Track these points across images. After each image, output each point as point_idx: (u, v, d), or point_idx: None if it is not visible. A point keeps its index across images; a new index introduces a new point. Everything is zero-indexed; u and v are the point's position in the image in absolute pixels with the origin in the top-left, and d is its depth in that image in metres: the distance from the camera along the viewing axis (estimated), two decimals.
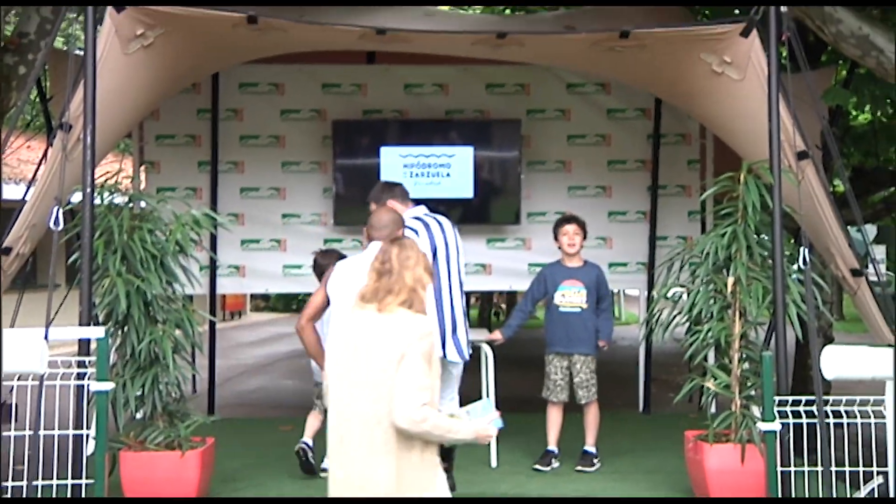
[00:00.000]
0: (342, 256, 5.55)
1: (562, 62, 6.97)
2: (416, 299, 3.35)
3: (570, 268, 6.19)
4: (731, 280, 5.18)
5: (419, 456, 3.23)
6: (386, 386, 3.19)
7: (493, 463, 6.06)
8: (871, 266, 5.81)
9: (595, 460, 6.08)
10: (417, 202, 5.52)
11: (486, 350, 6.15)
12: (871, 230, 9.75)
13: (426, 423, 3.16)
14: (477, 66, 7.75)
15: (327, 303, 4.79)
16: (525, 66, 7.62)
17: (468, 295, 5.95)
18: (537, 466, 5.98)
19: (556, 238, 6.24)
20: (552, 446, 6.12)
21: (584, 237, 6.23)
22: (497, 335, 6.26)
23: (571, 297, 6.13)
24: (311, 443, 5.78)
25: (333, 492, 3.29)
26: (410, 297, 3.33)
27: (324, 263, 5.56)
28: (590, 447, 6.14)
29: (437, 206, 7.65)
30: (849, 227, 5.58)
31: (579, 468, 5.99)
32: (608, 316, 6.26)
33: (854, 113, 9.22)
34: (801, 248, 5.00)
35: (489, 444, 6.19)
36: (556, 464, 6.06)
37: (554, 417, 6.14)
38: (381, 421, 3.20)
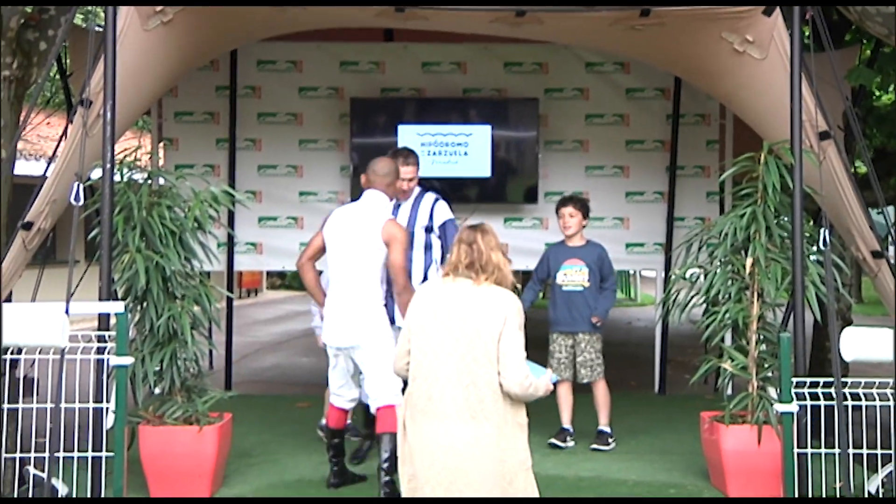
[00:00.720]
0: None
1: (581, 41, 6.92)
2: (504, 278, 3.76)
3: (571, 247, 6.26)
4: (749, 261, 5.15)
5: (513, 416, 3.64)
6: (482, 352, 3.59)
7: None
8: (892, 248, 5.77)
9: (610, 439, 6.10)
10: (424, 182, 5.88)
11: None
12: (892, 212, 9.66)
13: (531, 387, 3.61)
14: (495, 44, 7.72)
15: (324, 247, 5.10)
16: (543, 45, 7.58)
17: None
18: (554, 441, 6.03)
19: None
20: (566, 424, 6.16)
21: (586, 216, 6.28)
22: None
23: (573, 275, 6.20)
24: None
25: (425, 452, 3.62)
26: (499, 276, 3.74)
27: None
28: (604, 426, 6.16)
29: (454, 184, 7.73)
30: (870, 209, 5.54)
31: (595, 447, 6.01)
32: (609, 294, 6.29)
33: (878, 93, 9.12)
34: (822, 230, 4.97)
35: None
36: (570, 442, 6.08)
37: (564, 395, 6.18)
38: (476, 382, 3.58)
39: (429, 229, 5.71)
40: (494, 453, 3.58)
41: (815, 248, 5.13)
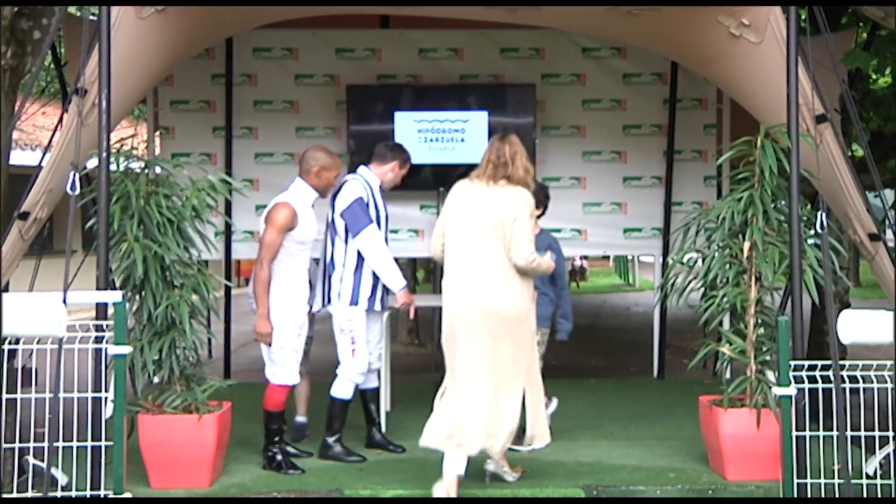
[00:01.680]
0: None
1: (577, 26, 6.90)
2: (523, 180, 4.89)
3: None
4: (746, 245, 5.15)
5: (523, 285, 4.85)
6: (501, 235, 4.78)
7: None
8: (889, 231, 5.77)
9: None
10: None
11: None
12: (889, 195, 9.66)
13: (534, 262, 4.81)
14: (491, 30, 7.70)
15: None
16: (540, 31, 7.56)
17: None
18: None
19: None
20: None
21: (538, 206, 5.59)
22: None
23: None
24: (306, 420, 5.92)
25: (458, 308, 4.81)
26: (519, 179, 4.88)
27: None
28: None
29: (451, 171, 7.70)
30: (867, 192, 5.54)
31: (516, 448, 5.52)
32: (566, 299, 5.94)
33: (874, 76, 9.11)
34: (819, 213, 4.96)
35: None
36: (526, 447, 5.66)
37: None
38: (499, 260, 4.79)
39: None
40: (508, 311, 4.78)
41: (812, 232, 5.13)
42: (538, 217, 5.70)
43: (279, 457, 5.38)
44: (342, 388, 5.54)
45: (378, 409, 5.83)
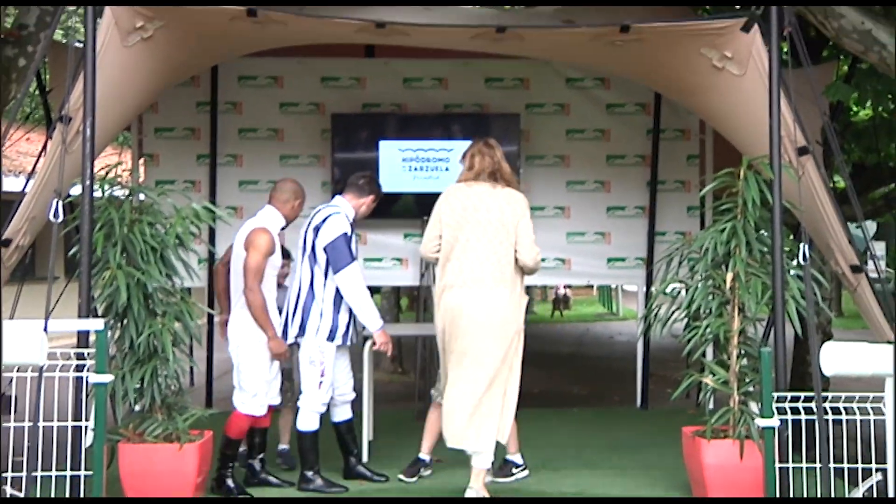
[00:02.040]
0: None
1: (561, 56, 6.96)
2: (513, 182, 5.27)
3: None
4: (729, 276, 5.17)
5: (519, 287, 5.16)
6: (504, 236, 5.07)
7: None
8: (871, 262, 5.81)
9: (514, 469, 5.68)
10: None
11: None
12: (871, 226, 9.74)
13: (539, 262, 5.19)
14: (476, 60, 7.73)
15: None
16: (524, 61, 7.61)
17: None
18: (402, 477, 5.59)
19: None
20: (425, 455, 5.67)
21: None
22: None
23: None
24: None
25: (456, 311, 5.06)
26: (510, 181, 5.24)
27: None
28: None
29: (435, 200, 7.72)
30: (849, 224, 5.58)
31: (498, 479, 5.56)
32: None
33: (855, 109, 9.20)
34: (801, 244, 5.00)
35: None
36: (424, 472, 5.67)
37: (433, 421, 5.57)
38: (500, 261, 5.07)
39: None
40: (505, 312, 5.07)
41: (794, 263, 5.16)
42: None
43: (230, 482, 5.36)
44: (308, 421, 5.48)
45: (354, 440, 5.77)
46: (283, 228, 5.65)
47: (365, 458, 6.03)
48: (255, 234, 5.40)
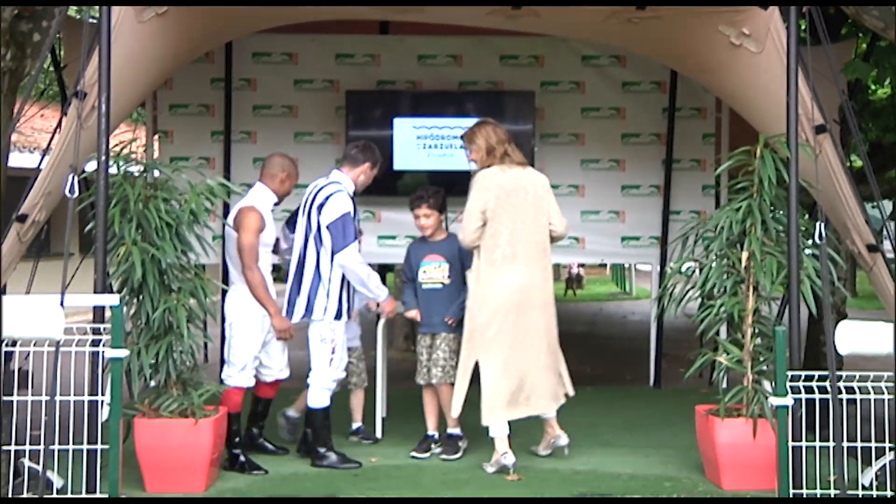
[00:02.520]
0: None
1: (577, 33, 6.91)
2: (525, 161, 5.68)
3: (431, 242, 5.86)
4: (745, 255, 5.16)
5: (550, 260, 5.61)
6: (542, 214, 5.49)
7: None
8: (887, 242, 5.78)
9: (460, 442, 5.74)
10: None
11: None
12: (888, 206, 9.66)
13: (568, 228, 5.71)
14: (491, 37, 7.69)
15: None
16: (539, 38, 7.57)
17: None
18: (414, 454, 5.68)
19: None
20: (432, 431, 5.81)
21: (442, 210, 5.86)
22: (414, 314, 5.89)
23: (432, 272, 5.80)
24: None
25: (503, 289, 5.39)
26: (523, 160, 5.62)
27: None
28: (454, 428, 5.74)
29: (449, 178, 7.71)
30: (866, 203, 5.54)
31: (445, 457, 5.64)
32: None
33: (873, 87, 9.11)
34: (818, 223, 4.97)
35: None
36: (436, 449, 5.75)
37: (429, 401, 5.78)
38: (542, 239, 5.50)
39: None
40: (546, 285, 5.52)
41: (810, 242, 5.13)
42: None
43: (242, 458, 5.42)
44: (319, 397, 5.52)
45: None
46: (276, 204, 5.70)
47: (378, 435, 6.07)
48: (242, 214, 5.47)
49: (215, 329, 6.31)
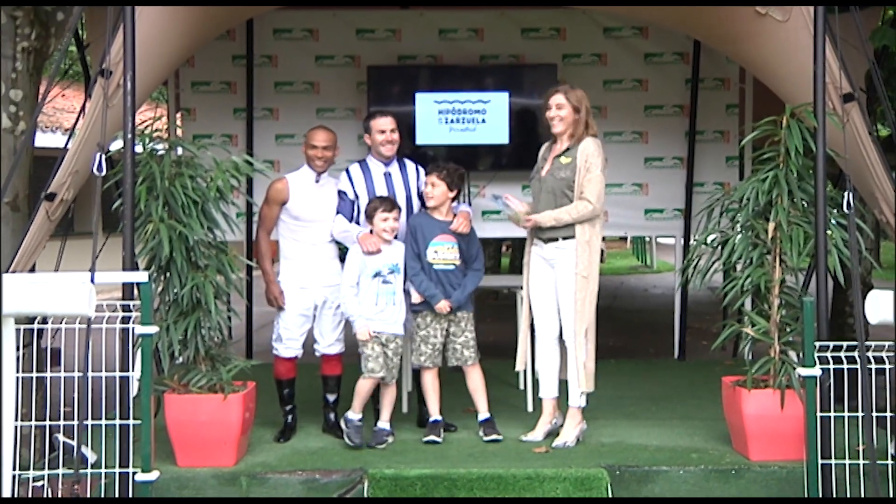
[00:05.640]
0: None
1: (599, 5, 6.86)
2: None
3: (441, 221, 5.63)
4: (771, 225, 5.13)
5: None
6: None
7: (529, 408, 6.14)
8: None
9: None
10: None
11: (522, 295, 6.13)
12: None
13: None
14: (512, 10, 7.67)
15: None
16: (561, 10, 7.53)
17: (501, 241, 6.06)
18: (431, 438, 5.53)
19: None
20: (437, 416, 5.67)
21: (452, 188, 5.64)
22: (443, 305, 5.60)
23: (445, 253, 5.61)
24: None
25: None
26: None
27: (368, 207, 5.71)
28: (487, 413, 5.67)
29: (472, 152, 7.71)
30: (893, 172, 5.49)
31: (491, 438, 5.53)
32: (474, 277, 5.66)
33: None
34: (846, 193, 4.93)
35: (525, 389, 6.25)
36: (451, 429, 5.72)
37: (434, 384, 5.68)
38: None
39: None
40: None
41: (835, 212, 5.09)
42: (453, 199, 5.71)
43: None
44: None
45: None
46: (316, 181, 5.78)
47: (404, 410, 6.11)
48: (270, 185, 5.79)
49: (240, 305, 6.35)
